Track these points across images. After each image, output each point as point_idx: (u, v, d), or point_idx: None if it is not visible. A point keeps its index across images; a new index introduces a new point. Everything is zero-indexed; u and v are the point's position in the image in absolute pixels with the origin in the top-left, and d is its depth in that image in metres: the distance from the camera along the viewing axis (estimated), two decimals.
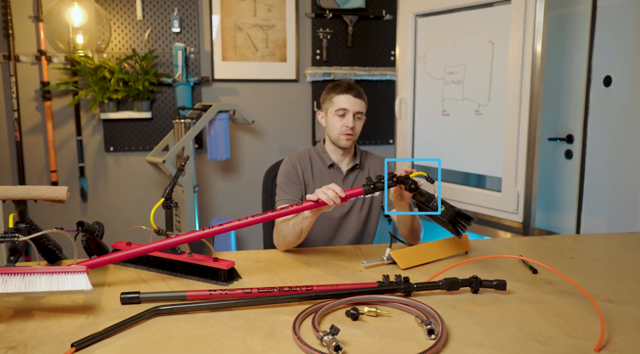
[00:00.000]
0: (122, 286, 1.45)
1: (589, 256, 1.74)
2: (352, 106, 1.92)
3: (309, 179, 2.00)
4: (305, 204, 1.56)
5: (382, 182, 1.57)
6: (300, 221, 1.68)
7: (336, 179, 2.01)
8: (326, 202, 1.53)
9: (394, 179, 1.57)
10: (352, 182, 2.03)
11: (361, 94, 1.96)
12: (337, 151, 2.01)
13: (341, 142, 1.96)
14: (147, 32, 3.22)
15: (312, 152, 2.06)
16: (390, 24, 3.52)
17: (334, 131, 1.96)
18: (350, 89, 1.93)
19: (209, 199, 3.46)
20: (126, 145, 3.30)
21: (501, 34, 2.50)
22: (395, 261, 1.63)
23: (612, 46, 2.60)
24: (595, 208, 2.72)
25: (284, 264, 1.66)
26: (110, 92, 3.06)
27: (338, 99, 1.94)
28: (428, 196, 1.59)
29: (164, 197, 1.63)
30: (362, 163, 2.07)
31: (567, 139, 2.82)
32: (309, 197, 1.56)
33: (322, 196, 1.54)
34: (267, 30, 3.37)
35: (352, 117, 1.93)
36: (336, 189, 1.54)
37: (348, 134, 1.93)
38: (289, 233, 1.73)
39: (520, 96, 2.43)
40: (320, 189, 1.55)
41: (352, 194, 1.57)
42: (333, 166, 2.02)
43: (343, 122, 1.93)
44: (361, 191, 1.57)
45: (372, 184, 1.57)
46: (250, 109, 3.39)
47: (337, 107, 1.93)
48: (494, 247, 1.87)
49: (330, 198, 1.53)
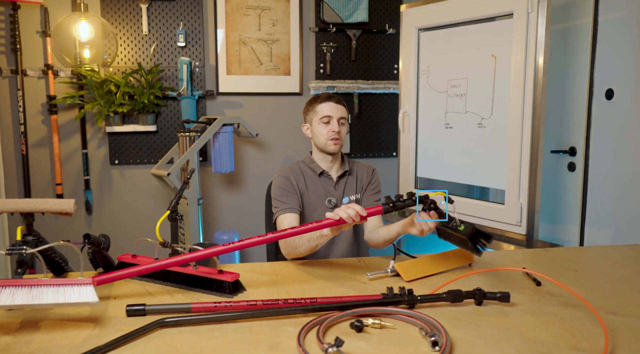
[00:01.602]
0: (127, 299, 1.45)
1: (593, 269, 1.73)
2: (335, 112, 2.01)
3: (303, 189, 2.05)
4: (326, 222, 1.55)
5: (402, 201, 1.56)
6: (317, 238, 1.69)
7: (328, 185, 2.07)
8: (346, 221, 1.54)
9: (412, 198, 1.57)
10: (343, 188, 2.08)
11: (341, 101, 2.06)
12: (326, 158, 2.07)
13: (329, 148, 2.02)
14: (152, 46, 3.25)
15: (300, 164, 2.12)
16: (393, 37, 3.54)
17: (320, 138, 2.03)
18: (331, 97, 2.04)
19: (213, 211, 3.47)
20: (131, 158, 3.31)
21: (503, 47, 2.52)
22: (399, 273, 1.63)
23: (614, 59, 2.60)
24: (598, 220, 2.71)
25: (289, 277, 1.66)
26: (116, 106, 3.09)
27: (321, 107, 2.02)
28: (449, 216, 1.59)
29: (170, 209, 1.65)
30: (351, 169, 2.13)
31: (570, 152, 2.82)
32: (329, 215, 1.56)
33: (344, 214, 1.53)
34: (272, 44, 3.40)
35: (337, 123, 2.01)
36: (357, 208, 1.54)
37: (335, 139, 2.01)
38: (302, 246, 1.75)
39: (522, 109, 2.43)
40: (341, 208, 1.56)
41: (373, 212, 1.58)
42: (323, 173, 2.08)
43: (329, 128, 2.01)
44: (381, 210, 1.57)
45: (391, 203, 1.57)
46: (254, 122, 3.41)
47: (322, 115, 2.02)
48: (497, 259, 1.86)
49: (351, 216, 1.53)
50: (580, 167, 2.76)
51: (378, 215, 2.03)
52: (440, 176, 2.92)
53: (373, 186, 2.15)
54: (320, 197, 2.07)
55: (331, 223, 1.56)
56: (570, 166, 2.83)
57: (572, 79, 2.81)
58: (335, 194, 2.08)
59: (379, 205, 1.59)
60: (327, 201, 2.06)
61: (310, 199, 2.05)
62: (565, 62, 2.84)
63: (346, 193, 2.10)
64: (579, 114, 2.76)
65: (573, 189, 2.81)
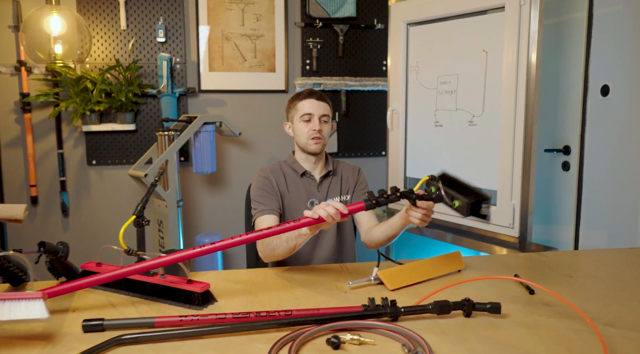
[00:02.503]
0: (87, 312, 1.34)
1: (589, 274, 1.65)
2: (316, 109, 1.92)
3: (283, 190, 1.96)
4: (304, 221, 1.46)
5: (385, 197, 1.47)
6: (295, 237, 1.60)
7: (310, 186, 1.99)
8: (326, 219, 1.44)
9: (397, 193, 1.48)
10: (327, 189, 2.00)
11: (324, 97, 1.96)
12: (309, 159, 1.99)
13: (310, 147, 1.94)
14: (131, 42, 3.13)
15: (282, 164, 2.04)
16: (382, 33, 3.45)
17: (301, 137, 1.95)
18: (312, 94, 1.95)
19: (194, 214, 3.36)
20: (109, 158, 3.20)
21: (495, 42, 2.44)
22: (383, 281, 1.53)
23: (610, 54, 2.55)
24: (594, 222, 2.66)
25: (265, 285, 1.56)
26: (93, 104, 2.97)
27: (302, 104, 1.94)
28: (437, 195, 1.48)
29: (135, 214, 1.54)
30: (335, 169, 2.05)
31: (564, 151, 2.77)
32: (307, 214, 1.47)
33: (322, 212, 1.44)
34: (256, 40, 3.30)
35: (318, 121, 1.92)
36: (337, 206, 1.45)
37: (316, 138, 1.92)
38: (280, 247, 1.66)
39: (515, 106, 2.35)
40: (320, 205, 1.46)
41: (354, 209, 1.48)
42: (305, 174, 2.00)
43: (309, 126, 1.92)
44: (363, 206, 1.48)
45: (374, 199, 1.47)
46: (238, 121, 3.31)
47: (302, 113, 1.93)
48: (488, 265, 1.78)
49: (331, 215, 1.44)
50: (575, 166, 2.72)
51: (372, 215, 1.99)
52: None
53: (361, 186, 2.08)
54: (302, 199, 1.98)
55: (309, 222, 1.46)
56: (565, 165, 2.78)
57: (566, 74, 2.76)
58: (318, 195, 1.99)
59: (360, 201, 1.49)
60: (309, 202, 1.98)
61: (291, 200, 1.97)
62: (559, 57, 2.79)
63: (330, 194, 2.01)
64: (574, 112, 2.71)
65: (567, 189, 2.77)
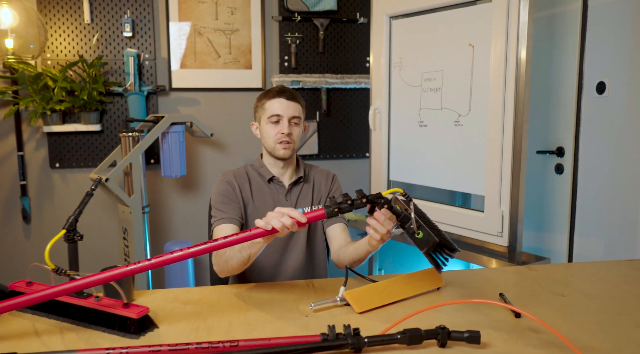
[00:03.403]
0: (7, 342, 1.17)
1: (583, 292, 1.48)
2: (285, 110, 1.74)
3: (247, 197, 1.79)
4: (255, 232, 1.28)
5: (349, 204, 1.30)
6: (248, 247, 1.42)
7: (278, 194, 1.82)
8: (279, 231, 1.27)
9: (362, 199, 1.31)
10: (296, 197, 1.83)
11: (295, 96, 1.77)
12: (277, 163, 1.82)
13: (278, 152, 1.77)
14: (95, 36, 2.93)
15: (248, 168, 1.87)
16: (364, 27, 3.28)
17: (268, 140, 1.78)
18: (282, 92, 1.76)
19: (163, 220, 3.17)
20: (74, 161, 3.00)
21: (482, 36, 2.29)
22: (350, 303, 1.35)
23: (606, 49, 2.44)
24: (589, 229, 2.55)
25: (218, 307, 1.39)
26: (54, 103, 2.77)
27: (270, 104, 1.76)
28: (404, 216, 1.32)
29: (66, 228, 1.35)
30: (307, 176, 1.87)
31: (557, 152, 2.67)
32: (258, 223, 1.28)
33: (276, 223, 1.26)
34: (230, 35, 3.12)
35: (287, 123, 1.74)
36: (293, 214, 1.27)
37: (285, 142, 1.74)
38: (233, 258, 1.48)
39: (504, 105, 2.21)
40: (273, 213, 1.28)
41: (313, 217, 1.30)
42: (273, 179, 1.82)
43: (277, 129, 1.75)
44: (323, 214, 1.30)
45: (335, 206, 1.29)
46: (211, 121, 3.12)
47: (270, 114, 1.75)
48: (472, 281, 1.60)
49: (286, 225, 1.26)
50: (569, 169, 2.62)
51: (343, 231, 1.80)
52: (414, 180, 2.69)
53: (335, 195, 1.88)
54: (268, 208, 1.78)
55: (261, 233, 1.28)
56: (558, 168, 2.68)
57: (559, 70, 2.65)
58: (285, 204, 1.81)
59: (321, 208, 1.31)
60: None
61: (255, 209, 1.79)
62: (552, 52, 2.67)
63: (300, 203, 1.84)
64: (567, 111, 2.61)
65: (561, 194, 2.66)
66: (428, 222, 1.34)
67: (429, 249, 1.27)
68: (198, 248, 1.25)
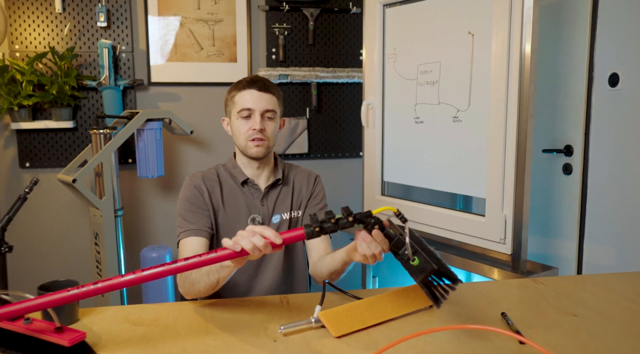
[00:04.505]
0: None
1: (598, 311, 1.30)
2: (257, 103, 1.55)
3: (217, 202, 1.61)
4: (222, 254, 1.10)
5: (333, 223, 1.13)
6: (217, 270, 1.25)
7: (253, 198, 1.63)
8: (250, 253, 1.09)
9: (349, 218, 1.14)
10: (274, 201, 1.65)
11: (269, 87, 1.58)
12: (251, 164, 1.63)
13: (250, 151, 1.58)
14: (67, 26, 2.75)
15: (220, 169, 1.67)
16: (357, 18, 3.13)
17: (239, 137, 1.59)
18: (253, 83, 1.57)
19: (140, 224, 3.00)
20: (45, 160, 2.82)
21: (483, 23, 2.14)
22: (325, 325, 1.17)
23: (619, 37, 2.31)
24: (600, 235, 2.41)
25: (174, 328, 1.21)
26: (22, 98, 2.59)
27: (240, 97, 1.57)
28: (397, 240, 1.16)
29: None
30: (287, 177, 1.69)
31: (565, 151, 2.54)
32: (226, 243, 1.10)
33: (246, 244, 1.08)
34: (214, 26, 2.95)
35: (260, 117, 1.56)
36: (266, 234, 1.09)
37: (258, 139, 1.56)
38: (200, 282, 1.31)
39: (506, 98, 2.07)
40: (244, 232, 1.10)
41: (290, 238, 1.13)
42: (247, 182, 1.64)
43: (249, 124, 1.56)
44: (302, 235, 1.12)
45: (317, 226, 1.12)
46: (193, 117, 2.95)
47: (240, 107, 1.56)
48: (470, 296, 1.41)
49: (258, 247, 1.08)
50: (578, 169, 2.48)
51: (323, 241, 1.61)
52: (410, 181, 2.53)
53: (316, 200, 1.71)
54: (242, 215, 1.62)
55: (228, 256, 1.09)
56: (566, 168, 2.54)
57: (567, 62, 2.50)
58: (262, 210, 1.64)
59: (300, 227, 1.13)
60: (250, 219, 1.62)
61: (227, 217, 1.61)
62: (559, 40, 2.53)
63: (277, 209, 1.66)
64: (576, 105, 2.47)
65: (569, 197, 2.53)
66: (425, 248, 1.17)
67: (425, 277, 1.10)
68: (150, 272, 1.08)
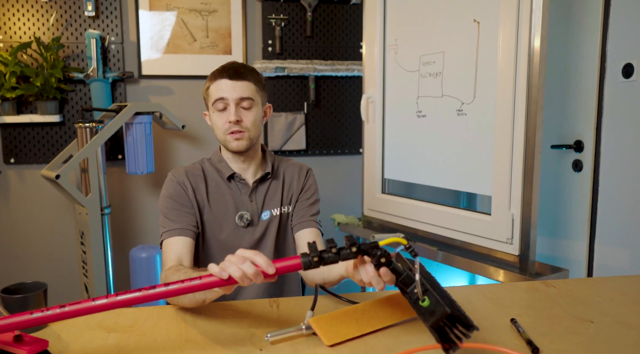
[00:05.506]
0: None
1: (616, 318, 1.19)
2: (230, 92, 1.43)
3: (202, 199, 1.50)
4: (207, 281, 0.99)
5: (334, 253, 1.01)
6: (204, 292, 1.13)
7: (240, 194, 1.53)
8: (239, 282, 0.97)
9: (352, 248, 1.01)
10: (263, 197, 1.54)
11: (242, 73, 1.45)
12: (236, 158, 1.53)
13: (230, 145, 1.47)
14: (53, 15, 2.64)
15: (205, 164, 1.57)
16: (358, 8, 3.02)
17: (217, 131, 1.49)
18: (224, 72, 1.44)
19: (129, 223, 2.89)
20: (31, 156, 2.72)
21: (489, 10, 2.05)
22: (317, 333, 1.07)
23: (635, 24, 2.19)
24: (612, 235, 2.31)
25: (151, 336, 1.10)
26: (5, 90, 2.48)
27: (214, 87, 1.45)
28: (406, 275, 1.02)
29: None
30: (276, 171, 1.59)
31: (576, 147, 2.44)
32: (212, 269, 0.98)
33: (234, 271, 0.97)
34: (207, 17, 2.84)
35: (235, 108, 1.43)
36: (258, 261, 0.98)
37: (236, 132, 1.45)
38: (185, 298, 1.20)
39: (514, 90, 1.98)
40: (233, 257, 0.99)
41: (285, 268, 1.00)
42: (234, 177, 1.53)
43: (225, 117, 1.45)
44: (299, 264, 1.00)
45: (316, 256, 1.00)
46: (186, 111, 2.84)
47: (214, 98, 1.45)
48: (476, 301, 1.30)
49: (247, 276, 0.97)
50: (589, 166, 2.38)
51: (316, 237, 1.51)
52: (412, 178, 2.44)
53: (307, 195, 1.60)
54: (229, 212, 1.51)
55: (214, 283, 0.99)
56: (576, 164, 2.44)
57: (578, 51, 2.40)
58: (250, 206, 1.53)
59: (297, 256, 1.01)
60: (237, 216, 1.51)
61: (213, 215, 1.50)
62: (570, 28, 2.43)
63: (267, 205, 1.55)
64: (587, 98, 2.36)
65: (579, 195, 2.43)
66: (437, 287, 1.03)
67: (436, 322, 0.94)
68: (125, 297, 0.97)
